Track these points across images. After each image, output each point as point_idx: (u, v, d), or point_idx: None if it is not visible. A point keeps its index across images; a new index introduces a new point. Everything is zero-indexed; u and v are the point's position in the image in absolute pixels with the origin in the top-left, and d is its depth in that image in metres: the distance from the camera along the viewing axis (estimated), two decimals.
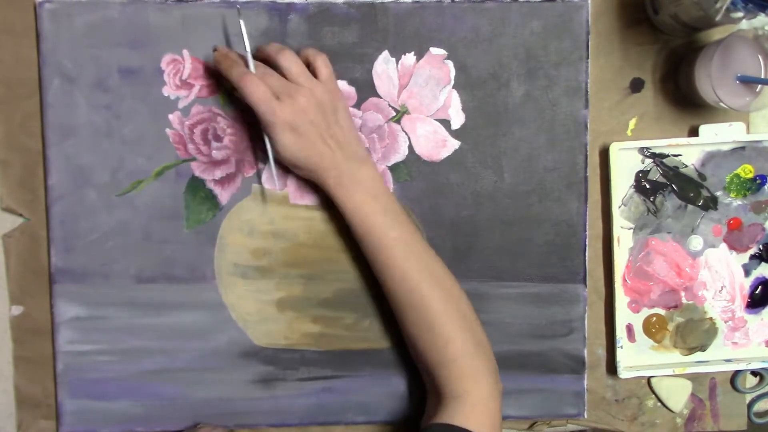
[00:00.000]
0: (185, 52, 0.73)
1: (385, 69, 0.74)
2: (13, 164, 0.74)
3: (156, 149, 0.73)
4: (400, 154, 0.75)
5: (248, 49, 0.68)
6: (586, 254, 0.77)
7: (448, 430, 0.65)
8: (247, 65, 0.68)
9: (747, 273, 0.79)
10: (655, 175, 0.77)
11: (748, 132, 0.77)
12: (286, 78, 0.67)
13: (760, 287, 0.79)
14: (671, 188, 0.77)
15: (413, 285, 0.68)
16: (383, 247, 0.69)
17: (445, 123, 0.75)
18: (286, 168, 0.73)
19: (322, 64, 0.69)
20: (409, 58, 0.74)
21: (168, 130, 0.73)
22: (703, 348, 0.79)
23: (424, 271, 0.69)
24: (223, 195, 0.74)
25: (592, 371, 0.78)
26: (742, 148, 0.77)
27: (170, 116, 0.73)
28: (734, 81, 0.71)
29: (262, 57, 0.69)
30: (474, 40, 0.74)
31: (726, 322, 0.79)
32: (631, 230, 0.77)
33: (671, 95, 0.77)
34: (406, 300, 0.69)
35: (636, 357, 0.78)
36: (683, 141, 0.76)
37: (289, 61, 0.67)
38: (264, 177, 0.74)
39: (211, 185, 0.74)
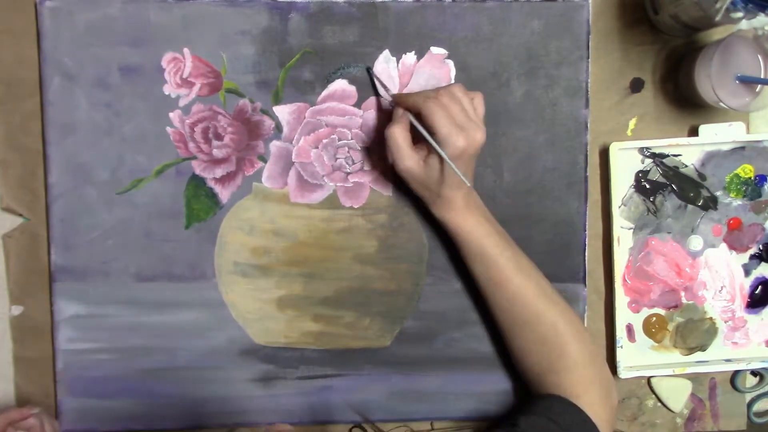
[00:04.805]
0: (186, 50, 0.73)
1: (385, 68, 0.74)
2: (13, 164, 0.74)
3: (156, 147, 0.73)
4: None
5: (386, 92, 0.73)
6: (586, 254, 0.77)
7: (567, 404, 0.68)
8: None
9: (747, 273, 0.79)
10: (655, 175, 0.77)
11: (748, 132, 0.77)
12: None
13: (760, 287, 0.79)
14: (671, 188, 0.77)
15: (527, 302, 0.70)
16: (498, 267, 0.70)
17: None
18: (285, 166, 0.73)
19: (480, 103, 0.69)
20: (409, 57, 0.74)
21: (168, 129, 0.73)
22: (703, 348, 0.79)
23: (537, 289, 0.70)
24: (224, 193, 0.74)
25: None
26: (742, 148, 0.77)
27: (171, 114, 0.73)
28: (734, 81, 0.71)
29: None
30: (474, 39, 0.75)
31: (726, 322, 0.79)
32: (631, 230, 0.77)
33: (671, 95, 0.77)
34: (519, 317, 0.70)
35: (636, 357, 0.78)
36: (683, 141, 0.76)
37: (464, 99, 0.67)
38: (265, 176, 0.74)
39: (211, 184, 0.74)
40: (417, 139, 0.68)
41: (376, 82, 0.73)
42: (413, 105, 0.67)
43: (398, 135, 0.67)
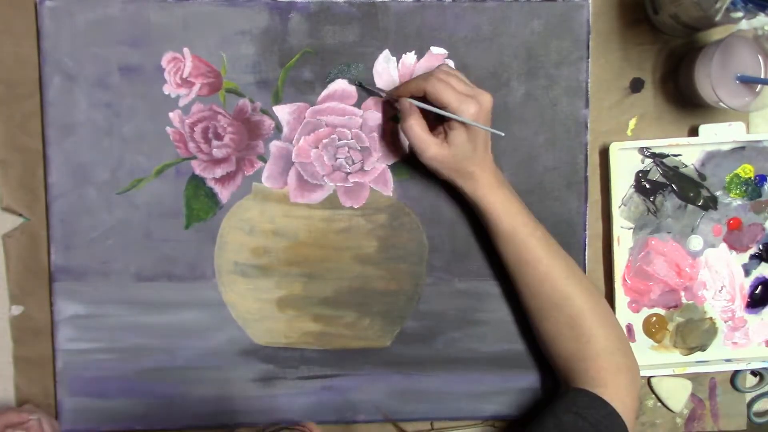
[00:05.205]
0: (186, 50, 0.73)
1: (385, 68, 0.74)
2: (13, 164, 0.74)
3: (156, 147, 0.73)
4: (401, 153, 0.75)
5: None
6: (586, 254, 0.77)
7: (592, 397, 0.67)
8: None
9: (747, 273, 0.79)
10: (655, 175, 0.77)
11: (748, 132, 0.77)
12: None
13: (760, 287, 0.79)
14: (671, 188, 0.77)
15: (557, 284, 0.69)
16: (528, 247, 0.70)
17: None
18: (285, 166, 0.73)
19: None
20: (409, 57, 0.74)
21: (168, 129, 0.73)
22: (703, 348, 0.79)
23: (566, 270, 0.70)
24: (224, 193, 0.74)
25: None
26: (742, 148, 0.77)
27: (171, 114, 0.73)
28: (734, 81, 0.71)
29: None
30: (474, 39, 0.75)
31: (726, 321, 0.79)
32: (631, 230, 0.77)
33: (671, 95, 0.77)
34: (548, 298, 0.70)
35: (636, 357, 0.78)
36: (683, 141, 0.76)
37: (456, 73, 0.68)
38: (265, 176, 0.74)
39: (211, 184, 0.74)
40: (429, 126, 0.69)
41: (374, 89, 0.74)
42: (416, 89, 0.68)
43: (416, 126, 0.68)
